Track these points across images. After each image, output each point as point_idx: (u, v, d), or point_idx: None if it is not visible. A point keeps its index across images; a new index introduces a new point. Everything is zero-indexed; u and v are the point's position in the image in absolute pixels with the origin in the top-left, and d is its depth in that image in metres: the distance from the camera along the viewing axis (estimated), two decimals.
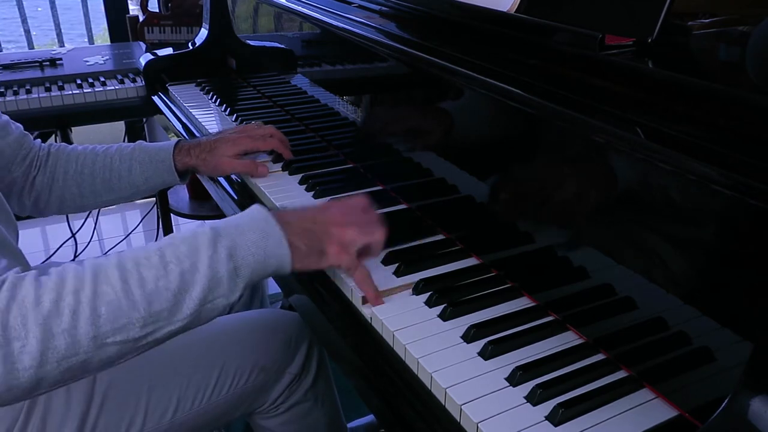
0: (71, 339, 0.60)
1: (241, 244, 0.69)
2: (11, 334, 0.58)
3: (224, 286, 0.67)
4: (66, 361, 0.60)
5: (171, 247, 0.67)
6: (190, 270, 0.65)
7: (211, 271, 0.66)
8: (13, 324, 0.58)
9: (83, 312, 0.61)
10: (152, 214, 2.37)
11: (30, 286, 0.61)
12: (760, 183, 0.49)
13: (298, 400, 1.03)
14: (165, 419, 0.89)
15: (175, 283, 0.65)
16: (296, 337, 1.01)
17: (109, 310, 0.61)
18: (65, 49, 2.03)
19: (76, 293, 0.61)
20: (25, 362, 0.58)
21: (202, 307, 0.66)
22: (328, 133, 1.22)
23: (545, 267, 0.76)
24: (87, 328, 0.60)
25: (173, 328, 0.66)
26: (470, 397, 0.62)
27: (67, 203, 1.06)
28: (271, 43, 1.45)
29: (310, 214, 0.77)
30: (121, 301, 0.62)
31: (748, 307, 0.54)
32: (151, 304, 0.63)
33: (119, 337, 0.62)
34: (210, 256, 0.66)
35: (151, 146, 1.09)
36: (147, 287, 0.63)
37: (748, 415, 0.46)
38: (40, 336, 0.58)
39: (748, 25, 0.65)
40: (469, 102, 0.84)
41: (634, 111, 0.62)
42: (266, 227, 0.71)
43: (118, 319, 0.62)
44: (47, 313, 0.59)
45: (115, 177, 1.06)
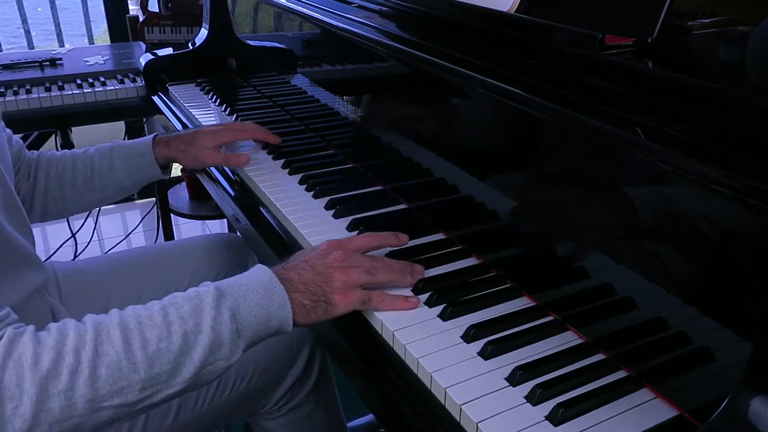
0: (67, 401, 0.57)
1: (244, 305, 0.67)
2: (5, 394, 0.55)
3: (226, 348, 0.65)
4: (58, 425, 0.58)
5: (174, 306, 0.65)
6: (193, 331, 0.64)
7: (214, 332, 0.64)
8: (8, 383, 0.55)
9: (82, 373, 0.58)
10: (152, 214, 2.37)
11: (29, 342, 0.58)
12: (760, 183, 0.49)
13: (299, 402, 1.03)
14: (167, 422, 0.89)
15: (177, 344, 0.63)
16: (298, 340, 1.01)
17: (108, 372, 0.59)
18: (65, 49, 2.03)
19: (77, 352, 0.59)
20: (16, 425, 0.55)
21: (202, 369, 0.64)
22: (328, 133, 1.22)
23: (545, 267, 0.76)
24: (84, 390, 0.58)
25: (171, 392, 0.64)
26: (470, 397, 0.62)
27: (50, 208, 1.06)
28: (271, 43, 1.45)
29: (310, 263, 0.74)
30: (122, 362, 0.60)
31: (748, 307, 0.54)
32: (152, 367, 0.61)
33: (116, 400, 0.60)
34: (213, 317, 0.65)
35: (130, 142, 1.10)
36: (149, 349, 0.61)
37: (748, 415, 0.46)
38: (35, 397, 0.56)
39: (748, 25, 0.65)
40: (469, 102, 0.84)
41: (634, 111, 0.62)
42: (270, 287, 0.69)
43: (117, 382, 0.60)
44: (45, 372, 0.57)
45: (97, 175, 1.06)
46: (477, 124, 0.84)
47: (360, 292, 0.73)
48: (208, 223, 2.64)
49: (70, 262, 1.11)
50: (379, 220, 0.94)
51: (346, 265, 0.73)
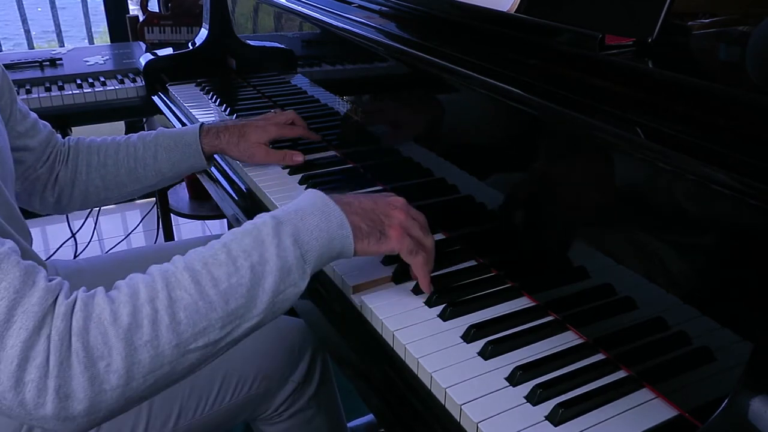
0: (154, 351, 0.58)
1: (303, 229, 0.67)
2: (94, 354, 0.55)
3: (294, 273, 0.65)
4: (152, 374, 0.58)
5: (235, 242, 0.65)
6: (260, 262, 0.64)
7: (280, 260, 0.64)
8: (95, 343, 0.56)
9: (162, 320, 0.58)
10: (152, 214, 2.37)
11: (103, 302, 0.58)
12: (760, 183, 0.49)
13: (301, 407, 1.03)
14: (167, 427, 0.88)
15: (247, 277, 0.63)
16: (300, 345, 1.01)
17: (187, 314, 0.60)
18: (65, 49, 2.03)
19: (152, 302, 0.59)
20: (113, 381, 0.56)
21: (276, 298, 0.65)
22: (328, 133, 1.22)
23: (545, 267, 0.76)
24: (169, 337, 0.58)
25: (250, 324, 0.64)
26: (470, 396, 0.62)
27: (91, 197, 1.04)
28: (271, 43, 1.45)
29: (373, 197, 0.75)
30: (198, 303, 0.60)
31: (748, 307, 0.54)
32: (228, 303, 0.61)
33: (201, 341, 0.60)
34: (276, 245, 0.65)
35: (175, 131, 1.07)
36: (221, 286, 0.62)
37: (748, 415, 0.46)
38: (124, 352, 0.56)
39: (748, 25, 0.65)
40: (469, 102, 0.84)
41: (634, 111, 0.62)
42: (326, 209, 0.69)
43: (198, 323, 0.60)
44: (127, 326, 0.57)
45: (141, 165, 1.03)
46: (477, 124, 0.84)
47: (410, 241, 0.73)
48: (208, 223, 2.64)
49: (71, 261, 1.11)
50: None
51: (404, 211, 0.74)
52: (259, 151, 1.07)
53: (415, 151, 0.95)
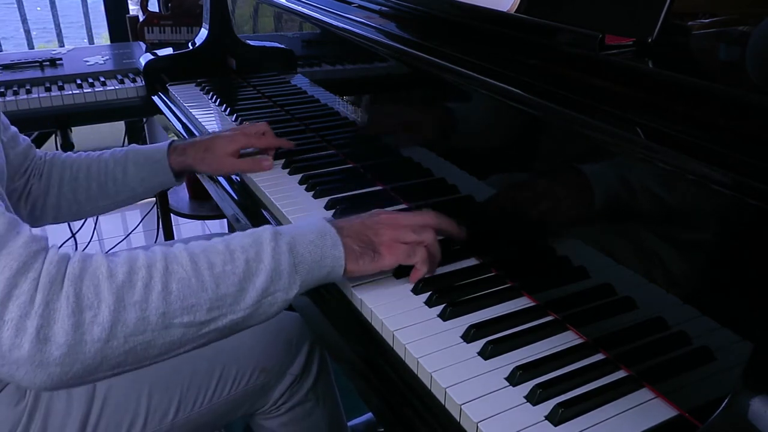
0: (141, 313, 0.59)
1: (300, 242, 0.70)
2: (83, 302, 0.57)
3: (284, 279, 0.67)
4: (133, 338, 0.59)
5: (235, 238, 0.68)
6: (255, 259, 0.66)
7: (274, 262, 0.67)
8: (86, 292, 0.57)
9: (155, 287, 0.60)
10: (152, 214, 2.37)
11: (102, 259, 0.60)
12: (760, 183, 0.49)
13: (299, 400, 1.03)
14: (166, 421, 0.89)
15: (241, 268, 0.65)
16: (297, 338, 1.01)
17: (179, 287, 0.61)
18: (65, 49, 2.03)
19: (149, 268, 0.61)
20: (95, 333, 0.57)
21: (263, 299, 0.66)
22: (328, 133, 1.22)
23: (545, 267, 0.76)
24: (158, 303, 0.60)
25: (235, 317, 0.65)
26: (470, 396, 0.62)
27: (63, 211, 1.05)
28: (271, 43, 1.45)
29: (360, 218, 0.78)
30: (191, 279, 0.62)
31: (748, 307, 0.54)
32: (219, 287, 0.63)
33: (186, 318, 0.62)
34: (273, 248, 0.67)
35: (145, 148, 1.09)
36: (215, 270, 0.64)
37: (748, 415, 0.46)
38: (113, 306, 0.58)
39: (748, 25, 0.65)
40: (469, 102, 0.84)
41: (634, 111, 0.62)
42: (323, 229, 0.72)
43: (187, 298, 0.62)
44: (121, 283, 0.59)
45: (111, 180, 1.05)
46: (477, 124, 0.84)
47: (405, 247, 0.75)
48: (208, 223, 2.64)
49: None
50: None
51: (395, 225, 0.76)
52: (226, 162, 1.08)
53: (415, 151, 0.95)
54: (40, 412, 0.80)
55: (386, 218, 0.77)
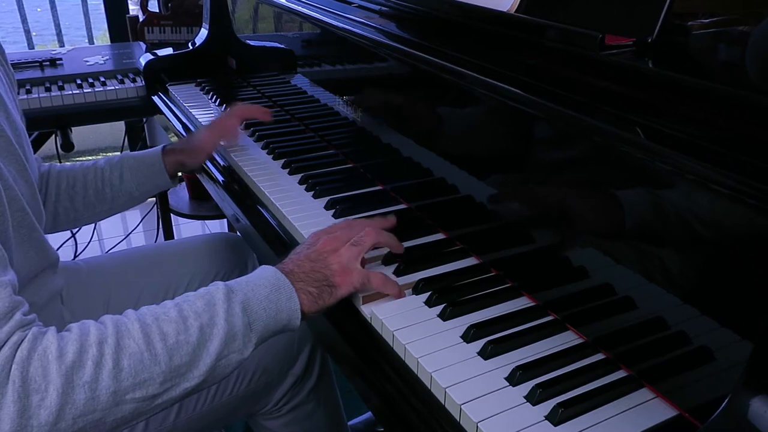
0: (91, 393, 0.58)
1: (253, 299, 0.69)
2: (31, 386, 0.55)
3: (239, 340, 0.67)
4: (82, 418, 0.58)
5: (187, 303, 0.67)
6: (209, 324, 0.65)
7: (228, 325, 0.66)
8: (34, 375, 0.56)
9: (106, 364, 0.59)
10: (152, 214, 2.37)
11: (52, 338, 0.59)
12: (760, 183, 0.49)
13: (300, 401, 1.03)
14: (168, 421, 0.89)
15: (194, 336, 0.64)
16: (299, 339, 1.01)
17: (131, 363, 0.60)
18: (65, 49, 2.03)
19: (100, 345, 0.60)
20: (42, 417, 0.55)
21: (218, 362, 0.66)
22: (328, 133, 1.22)
23: (545, 267, 0.76)
24: (108, 382, 0.59)
25: (189, 385, 0.65)
26: (470, 396, 0.62)
27: (60, 218, 1.07)
28: (271, 43, 1.45)
29: (303, 254, 0.76)
30: (143, 354, 0.61)
31: (748, 307, 0.54)
32: (172, 359, 0.62)
33: (138, 393, 0.61)
34: (226, 310, 0.67)
35: (139, 153, 1.12)
36: (168, 341, 0.63)
37: (748, 415, 0.46)
38: (62, 388, 0.56)
39: (748, 25, 0.65)
40: (469, 102, 0.84)
41: (634, 111, 0.62)
42: (277, 282, 0.71)
43: (139, 374, 0.60)
44: (71, 363, 0.57)
45: (107, 186, 1.07)
46: (477, 124, 0.84)
47: (359, 272, 0.75)
48: (208, 223, 2.64)
49: (70, 262, 1.11)
50: None
51: (335, 247, 0.76)
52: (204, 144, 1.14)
53: (415, 151, 0.95)
54: None
55: (326, 244, 0.77)
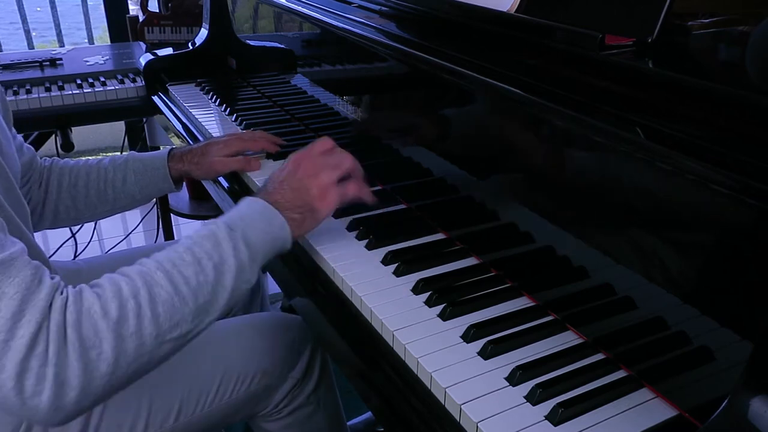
0: (139, 341, 0.64)
1: (251, 233, 0.75)
2: (87, 343, 0.61)
3: (247, 271, 0.74)
4: (135, 363, 0.65)
5: (197, 245, 0.72)
6: (220, 262, 0.72)
7: (237, 260, 0.73)
8: (87, 334, 0.62)
9: (146, 314, 0.65)
10: (152, 214, 2.37)
11: (92, 297, 0.64)
12: (760, 183, 0.50)
13: (300, 404, 1.03)
14: (167, 424, 0.88)
15: (211, 276, 0.71)
16: (299, 342, 1.01)
17: (165, 309, 0.67)
18: (65, 49, 2.03)
19: (135, 298, 0.65)
20: (102, 369, 0.62)
21: (233, 293, 0.73)
22: (328, 133, 1.22)
23: (545, 267, 0.76)
24: (151, 329, 0.65)
25: (213, 317, 0.72)
26: (470, 396, 0.62)
27: (61, 216, 1.06)
28: (271, 43, 1.45)
29: (286, 182, 0.83)
30: (173, 299, 0.68)
31: (748, 307, 0.54)
32: (197, 298, 0.69)
33: (175, 332, 0.68)
34: (233, 247, 0.73)
35: (145, 156, 1.11)
36: (191, 284, 0.69)
37: (748, 415, 0.46)
38: (114, 342, 0.63)
39: (748, 25, 0.65)
40: (468, 102, 0.84)
41: (634, 111, 0.62)
42: (268, 213, 0.78)
43: (174, 316, 0.67)
44: (116, 319, 0.63)
45: (110, 187, 1.07)
46: (477, 124, 0.84)
47: (335, 191, 0.83)
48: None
49: (70, 262, 1.11)
50: (379, 220, 0.94)
51: (315, 172, 0.83)
52: (217, 164, 1.10)
53: (415, 150, 0.95)
54: None
55: (306, 170, 0.83)
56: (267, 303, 1.37)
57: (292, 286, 0.89)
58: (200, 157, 1.10)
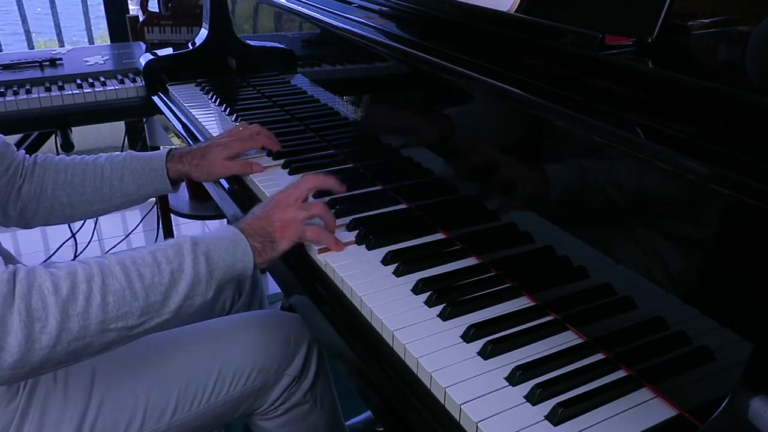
0: (83, 322, 0.68)
1: (214, 252, 0.80)
2: (33, 315, 0.65)
3: (203, 285, 0.78)
4: (75, 342, 0.68)
5: (160, 251, 0.77)
6: (178, 270, 0.76)
7: (194, 271, 0.77)
8: (35, 306, 0.65)
9: (95, 299, 0.69)
10: (152, 214, 2.37)
11: (45, 275, 0.68)
12: (760, 183, 0.49)
13: (297, 401, 1.03)
14: (163, 420, 0.88)
15: (166, 279, 0.75)
16: (296, 339, 1.01)
17: (115, 299, 0.70)
18: (65, 49, 2.03)
19: (88, 282, 0.69)
20: (43, 342, 0.65)
21: (185, 302, 0.77)
22: (328, 133, 1.22)
23: (545, 267, 0.76)
24: (97, 313, 0.69)
25: (160, 320, 0.75)
26: (470, 396, 0.62)
27: (56, 213, 1.06)
28: (271, 43, 1.45)
29: (256, 212, 0.88)
30: (125, 291, 0.71)
31: (748, 307, 0.54)
32: (148, 296, 0.73)
33: (120, 323, 0.71)
34: (193, 259, 0.77)
35: (143, 155, 1.10)
36: (145, 282, 0.73)
37: (748, 415, 0.46)
38: (59, 317, 0.66)
39: (748, 25, 0.65)
40: (468, 102, 0.84)
41: (634, 111, 0.62)
42: (235, 238, 0.82)
43: (122, 307, 0.71)
44: (65, 297, 0.67)
45: (107, 186, 1.06)
46: (477, 124, 0.84)
47: (296, 226, 0.86)
48: (207, 223, 2.63)
49: (70, 262, 1.11)
50: (379, 220, 0.94)
51: (283, 206, 0.87)
52: (219, 167, 1.10)
53: (415, 151, 0.95)
54: (35, 412, 0.80)
55: (276, 203, 0.88)
56: (266, 302, 1.37)
57: (292, 285, 0.89)
58: (200, 159, 1.09)
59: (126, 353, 0.89)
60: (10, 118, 1.62)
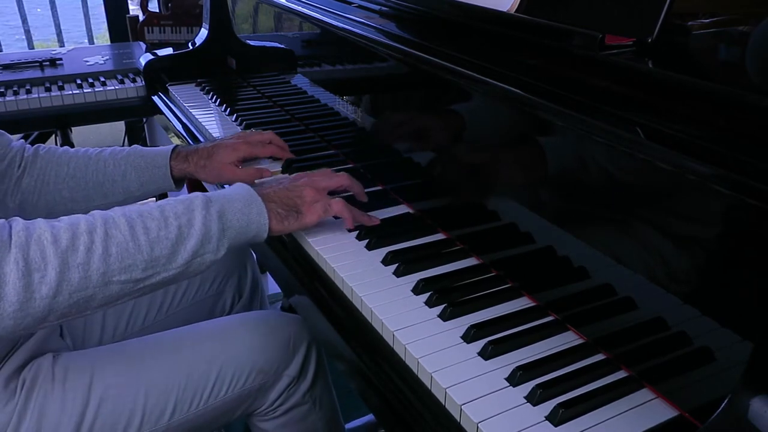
0: (84, 273, 0.67)
1: (228, 210, 0.79)
2: (32, 265, 0.65)
3: (213, 243, 0.77)
4: (77, 294, 0.67)
5: (169, 205, 0.76)
6: (187, 225, 0.75)
7: (204, 228, 0.76)
8: (34, 257, 0.65)
9: (96, 250, 0.68)
10: None
11: (45, 226, 0.68)
12: (760, 183, 0.49)
13: (296, 402, 1.03)
14: (162, 421, 0.88)
15: (174, 233, 0.74)
16: (295, 339, 1.01)
17: (118, 250, 0.70)
18: (65, 49, 2.03)
19: (90, 233, 0.69)
20: (43, 291, 0.65)
21: (194, 259, 0.76)
22: (328, 133, 1.22)
23: (545, 267, 0.76)
24: (98, 264, 0.68)
25: (167, 275, 0.74)
26: (470, 397, 0.62)
27: (58, 206, 1.04)
28: (271, 43, 1.45)
29: (283, 183, 0.88)
30: (128, 243, 0.71)
31: (748, 307, 0.54)
32: (153, 250, 0.72)
33: (124, 276, 0.70)
34: (204, 215, 0.76)
35: (148, 151, 1.08)
36: (150, 235, 0.72)
37: (748, 415, 0.46)
38: (59, 268, 0.66)
39: (748, 25, 0.65)
40: (468, 102, 0.84)
41: (635, 111, 0.62)
42: (250, 198, 0.81)
43: (125, 260, 0.70)
44: (65, 248, 0.67)
45: (109, 181, 1.04)
46: (477, 124, 0.84)
47: (322, 203, 0.87)
48: None
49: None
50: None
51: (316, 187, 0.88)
52: (226, 171, 1.07)
53: (414, 151, 0.95)
54: (32, 412, 0.80)
55: (307, 181, 0.88)
56: (266, 303, 1.37)
57: (293, 285, 0.89)
58: (206, 159, 1.07)
59: (125, 353, 0.89)
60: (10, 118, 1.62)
